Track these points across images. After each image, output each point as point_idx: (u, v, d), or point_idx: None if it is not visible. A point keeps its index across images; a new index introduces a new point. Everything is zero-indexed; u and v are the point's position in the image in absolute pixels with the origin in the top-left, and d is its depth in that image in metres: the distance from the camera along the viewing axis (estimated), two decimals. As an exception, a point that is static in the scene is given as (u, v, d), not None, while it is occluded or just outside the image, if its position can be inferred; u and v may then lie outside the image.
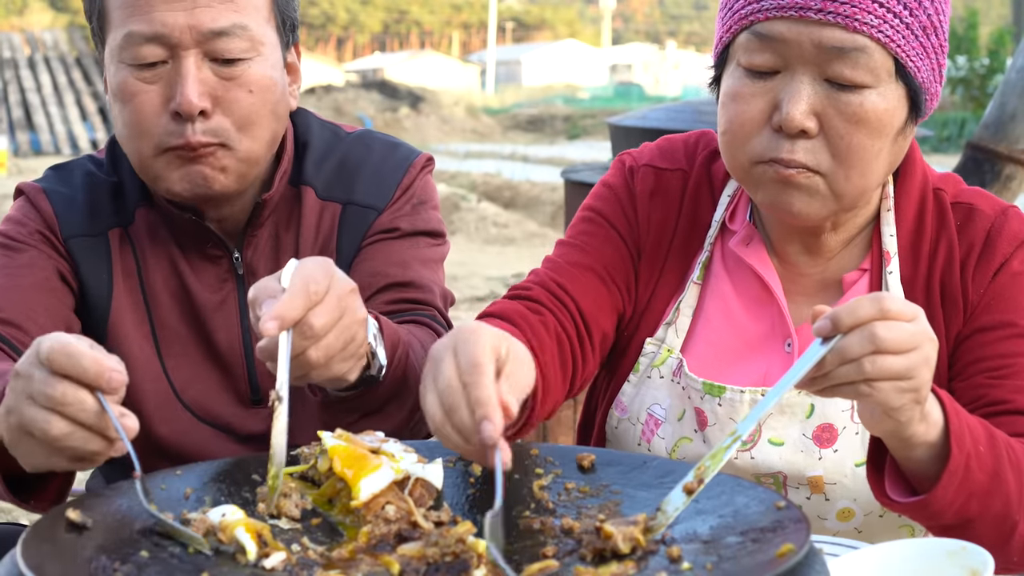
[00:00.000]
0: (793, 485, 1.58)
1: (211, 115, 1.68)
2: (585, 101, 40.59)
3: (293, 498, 1.30)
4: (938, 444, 1.35)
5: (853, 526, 1.58)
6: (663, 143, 1.77)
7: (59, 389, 1.21)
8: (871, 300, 1.24)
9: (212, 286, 1.82)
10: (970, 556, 1.19)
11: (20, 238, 1.80)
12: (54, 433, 1.22)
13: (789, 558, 1.08)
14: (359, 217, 1.84)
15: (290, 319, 1.32)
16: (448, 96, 34.24)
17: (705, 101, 6.38)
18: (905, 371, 1.25)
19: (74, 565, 1.11)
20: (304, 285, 1.34)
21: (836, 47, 1.45)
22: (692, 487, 1.23)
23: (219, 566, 1.15)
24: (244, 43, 1.69)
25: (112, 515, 1.22)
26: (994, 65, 9.79)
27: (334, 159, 1.88)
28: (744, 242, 1.66)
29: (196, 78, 1.67)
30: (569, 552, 1.20)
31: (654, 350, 1.68)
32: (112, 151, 1.88)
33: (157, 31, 1.66)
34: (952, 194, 1.63)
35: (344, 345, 1.39)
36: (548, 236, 12.48)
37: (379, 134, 1.96)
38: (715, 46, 1.59)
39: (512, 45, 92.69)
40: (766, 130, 1.50)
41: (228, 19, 1.68)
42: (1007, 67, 4.61)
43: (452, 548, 1.15)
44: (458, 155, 22.05)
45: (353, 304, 1.40)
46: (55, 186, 1.85)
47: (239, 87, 1.70)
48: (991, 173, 4.24)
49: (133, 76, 1.69)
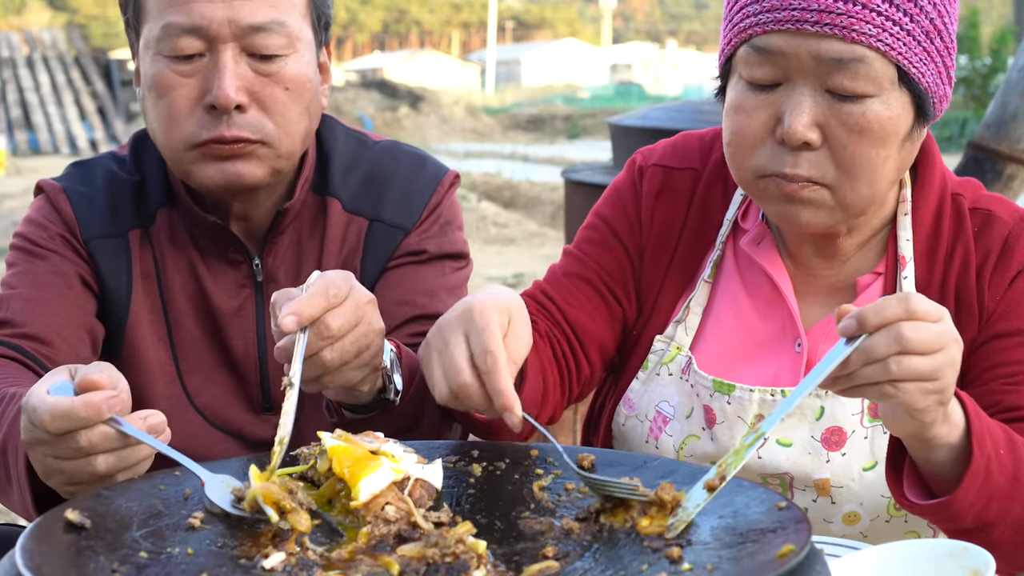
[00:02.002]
0: (800, 487, 1.58)
1: (246, 110, 1.67)
2: (585, 101, 40.59)
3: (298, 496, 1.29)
4: (959, 446, 1.35)
5: (859, 530, 1.58)
6: (678, 140, 1.77)
7: (80, 441, 1.26)
8: (898, 300, 1.24)
9: (230, 291, 1.81)
10: (971, 557, 1.19)
11: (42, 243, 1.78)
12: (102, 470, 1.29)
13: (790, 559, 1.07)
14: (386, 236, 1.83)
15: (307, 316, 1.38)
16: (448, 95, 34.24)
17: (705, 101, 6.39)
18: (931, 372, 1.25)
19: (73, 566, 1.11)
20: (324, 288, 1.41)
21: (835, 59, 1.44)
22: (714, 484, 1.23)
23: (219, 566, 1.15)
24: (282, 39, 1.69)
25: (112, 515, 1.22)
26: (995, 65, 9.78)
27: (360, 170, 1.87)
28: (755, 241, 1.66)
29: (234, 72, 1.66)
30: (568, 553, 1.20)
31: (663, 347, 1.68)
32: (136, 148, 1.86)
33: (196, 23, 1.65)
34: (971, 200, 1.62)
35: (359, 351, 1.44)
36: (548, 236, 12.48)
37: (405, 146, 1.95)
38: (719, 56, 1.59)
39: (512, 44, 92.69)
40: (769, 142, 1.50)
41: (267, 15, 1.68)
42: (1008, 66, 4.61)
43: (452, 549, 1.15)
44: (458, 155, 22.05)
45: (371, 314, 1.46)
46: (76, 185, 1.83)
47: (275, 83, 1.69)
48: (992, 173, 4.23)
49: (169, 68, 1.67)
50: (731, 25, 1.52)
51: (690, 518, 1.21)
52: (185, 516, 1.25)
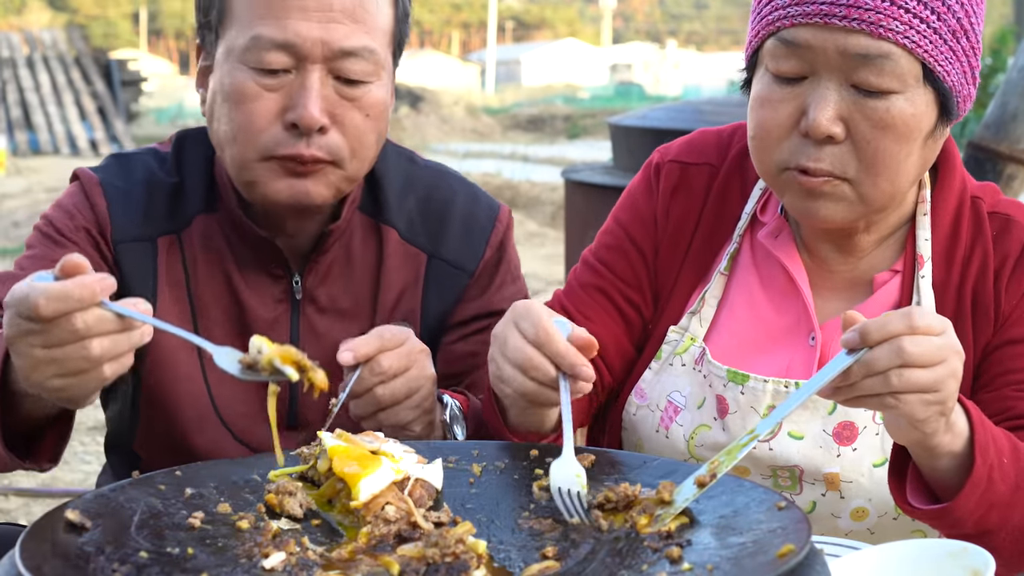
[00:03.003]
0: (809, 480, 1.58)
1: (327, 131, 1.65)
2: (585, 101, 40.55)
3: (298, 496, 1.30)
4: (962, 454, 1.36)
5: (866, 526, 1.58)
6: (696, 136, 1.78)
7: (76, 323, 1.23)
8: (900, 316, 1.26)
9: (267, 305, 1.78)
10: (971, 557, 1.19)
11: (65, 231, 1.74)
12: (97, 354, 1.25)
13: (790, 558, 1.08)
14: (447, 276, 1.83)
15: (362, 354, 1.53)
16: (448, 95, 34.19)
17: (705, 101, 6.37)
18: (931, 384, 1.26)
19: (73, 566, 1.11)
20: (381, 332, 1.56)
21: (861, 54, 1.44)
22: (704, 480, 1.25)
23: (219, 566, 1.15)
24: (370, 66, 1.66)
25: (111, 515, 1.22)
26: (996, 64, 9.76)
27: (415, 195, 1.86)
28: (773, 234, 1.66)
29: (319, 94, 1.63)
30: (568, 553, 1.20)
31: (677, 338, 1.69)
32: (178, 149, 1.82)
33: (289, 39, 1.62)
34: (990, 203, 1.62)
35: (409, 393, 1.56)
36: (548, 236, 12.46)
37: (451, 171, 1.93)
38: (746, 48, 1.59)
39: (512, 44, 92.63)
40: (793, 136, 1.51)
41: (359, 40, 1.65)
42: (1008, 66, 4.60)
43: (452, 549, 1.15)
44: (458, 155, 22.02)
45: (423, 361, 1.59)
46: (113, 179, 1.78)
47: (357, 109, 1.67)
48: (992, 173, 4.23)
49: (253, 80, 1.64)
50: (759, 18, 1.53)
51: (677, 511, 1.23)
52: (185, 516, 1.25)
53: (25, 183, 15.37)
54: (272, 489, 1.31)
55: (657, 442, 1.67)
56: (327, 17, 1.63)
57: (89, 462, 4.92)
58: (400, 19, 1.74)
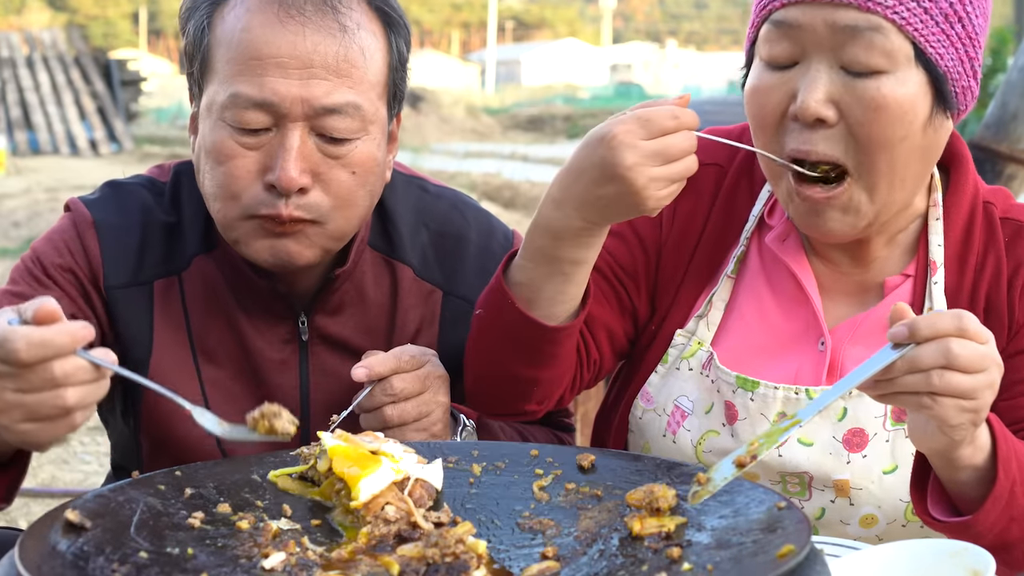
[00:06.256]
0: (819, 487, 1.57)
1: (308, 191, 1.59)
2: (585, 101, 40.56)
3: (284, 416, 1.28)
4: (984, 468, 1.36)
5: (875, 533, 1.57)
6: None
7: (54, 371, 1.19)
8: (952, 316, 1.25)
9: (274, 345, 1.73)
10: (972, 557, 1.19)
11: (50, 269, 1.68)
12: (72, 403, 1.21)
13: (790, 559, 1.07)
14: (463, 313, 1.77)
15: (376, 372, 1.57)
16: (448, 95, 34.18)
17: (706, 100, 6.38)
18: (970, 390, 1.26)
19: (73, 566, 1.11)
20: (399, 354, 1.60)
21: (850, 26, 1.44)
22: (744, 461, 1.24)
23: (219, 566, 1.15)
24: (355, 123, 1.60)
25: (111, 515, 1.22)
26: (996, 64, 9.74)
27: (428, 230, 1.81)
28: (781, 238, 1.65)
29: (299, 154, 1.57)
30: (568, 553, 1.20)
31: (684, 342, 1.68)
32: (176, 184, 1.76)
33: (267, 98, 1.56)
34: (1001, 209, 1.61)
35: (419, 416, 1.59)
36: (548, 235, 12.45)
37: (465, 197, 1.89)
38: (745, 44, 1.60)
39: (512, 44, 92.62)
40: (787, 122, 1.50)
41: (342, 96, 1.58)
42: (1008, 66, 4.59)
43: (452, 549, 1.15)
44: (458, 155, 22.02)
45: (438, 387, 1.61)
46: (108, 217, 1.72)
47: (342, 167, 1.60)
48: (992, 173, 4.22)
49: (232, 138, 1.59)
50: (756, 6, 1.54)
51: (716, 490, 1.23)
52: (185, 516, 1.25)
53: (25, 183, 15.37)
54: (256, 415, 1.28)
55: (664, 446, 1.66)
56: (308, 73, 1.57)
57: (89, 462, 4.92)
58: (395, 67, 1.68)
